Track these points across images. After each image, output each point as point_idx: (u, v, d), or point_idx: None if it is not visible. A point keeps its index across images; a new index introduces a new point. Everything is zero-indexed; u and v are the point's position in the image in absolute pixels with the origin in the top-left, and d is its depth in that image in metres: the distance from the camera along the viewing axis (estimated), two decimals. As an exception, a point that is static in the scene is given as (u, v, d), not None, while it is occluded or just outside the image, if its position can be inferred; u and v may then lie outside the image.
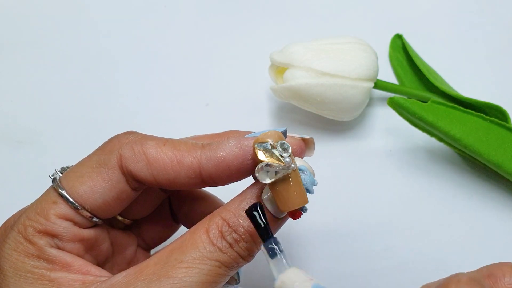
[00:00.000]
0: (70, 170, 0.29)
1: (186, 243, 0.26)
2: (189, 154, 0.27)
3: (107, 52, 0.50)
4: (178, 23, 0.51)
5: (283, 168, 0.25)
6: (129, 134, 0.29)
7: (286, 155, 0.25)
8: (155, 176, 0.27)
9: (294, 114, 0.46)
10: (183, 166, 0.27)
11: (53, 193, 0.28)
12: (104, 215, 0.29)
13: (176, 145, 0.28)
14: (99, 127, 0.47)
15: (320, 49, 0.42)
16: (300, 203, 0.25)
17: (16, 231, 0.27)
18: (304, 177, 0.26)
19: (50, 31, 0.51)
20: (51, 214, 0.27)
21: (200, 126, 0.46)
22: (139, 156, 0.27)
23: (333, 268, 0.41)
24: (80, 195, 0.27)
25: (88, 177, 0.28)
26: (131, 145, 0.28)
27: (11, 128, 0.47)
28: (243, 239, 0.26)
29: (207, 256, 0.25)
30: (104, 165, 0.28)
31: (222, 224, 0.26)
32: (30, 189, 0.45)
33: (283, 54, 0.41)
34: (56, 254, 0.27)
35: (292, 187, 0.25)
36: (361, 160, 0.44)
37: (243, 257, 0.26)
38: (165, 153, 0.27)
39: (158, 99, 0.48)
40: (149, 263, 0.26)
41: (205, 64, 0.49)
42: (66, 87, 0.49)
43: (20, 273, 0.26)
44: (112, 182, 0.28)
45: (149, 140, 0.28)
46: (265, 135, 0.25)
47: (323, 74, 0.40)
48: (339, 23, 0.50)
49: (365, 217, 0.42)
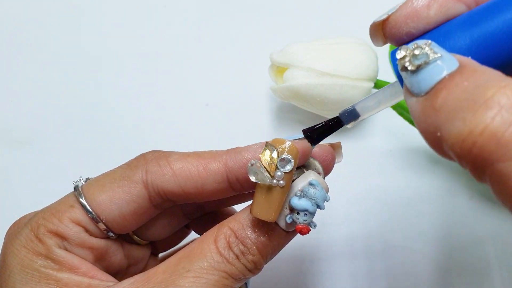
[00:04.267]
0: (93, 180, 0.29)
1: (194, 252, 0.26)
2: (215, 159, 0.28)
3: (107, 52, 0.50)
4: (178, 23, 0.51)
5: (267, 177, 0.25)
6: (154, 151, 0.29)
7: (281, 169, 0.25)
8: (182, 186, 0.28)
9: (294, 114, 0.46)
10: (210, 172, 0.27)
11: (72, 198, 0.28)
12: (119, 230, 0.29)
13: (200, 154, 0.28)
14: (99, 127, 0.47)
15: (320, 49, 0.42)
16: (262, 216, 0.25)
17: (29, 228, 0.27)
18: (314, 192, 0.26)
19: (50, 31, 0.51)
20: (65, 217, 0.27)
21: (200, 126, 0.46)
22: (165, 169, 0.28)
23: (332, 267, 0.41)
24: (98, 203, 0.28)
25: (109, 188, 0.28)
26: (156, 160, 0.28)
27: (11, 128, 0.47)
28: (250, 251, 0.26)
29: (214, 267, 0.25)
30: (127, 178, 0.28)
31: (230, 235, 0.26)
32: (30, 189, 0.45)
33: (283, 54, 0.41)
34: (63, 255, 0.27)
35: (269, 200, 0.25)
36: (361, 160, 0.44)
37: (250, 270, 0.26)
38: (190, 163, 0.28)
39: (158, 99, 0.48)
40: (157, 271, 0.26)
41: (205, 64, 0.49)
42: (66, 87, 0.49)
43: (27, 271, 0.26)
44: (132, 195, 0.28)
45: (174, 154, 0.28)
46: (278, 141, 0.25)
47: (323, 74, 0.40)
48: (339, 23, 0.50)
49: (365, 217, 0.42)
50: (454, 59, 0.20)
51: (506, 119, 0.17)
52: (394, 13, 0.23)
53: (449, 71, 0.19)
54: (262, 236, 0.26)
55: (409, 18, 0.23)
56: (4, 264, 0.27)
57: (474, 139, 0.18)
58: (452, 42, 0.21)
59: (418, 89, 0.20)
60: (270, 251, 0.27)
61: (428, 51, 0.20)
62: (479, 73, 0.19)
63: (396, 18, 0.23)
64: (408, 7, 0.23)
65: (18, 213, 0.30)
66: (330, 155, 0.28)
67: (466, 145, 0.18)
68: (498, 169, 0.17)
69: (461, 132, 0.18)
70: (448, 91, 0.19)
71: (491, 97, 0.18)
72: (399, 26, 0.23)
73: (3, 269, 0.27)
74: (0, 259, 0.27)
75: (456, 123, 0.18)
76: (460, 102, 0.18)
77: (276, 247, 0.27)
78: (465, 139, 0.18)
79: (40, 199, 0.30)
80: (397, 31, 0.23)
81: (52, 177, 0.45)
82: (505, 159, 0.17)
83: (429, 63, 0.20)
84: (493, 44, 0.21)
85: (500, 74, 0.19)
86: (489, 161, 0.17)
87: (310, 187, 0.26)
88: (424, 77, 0.20)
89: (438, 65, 0.20)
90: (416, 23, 0.22)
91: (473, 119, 0.18)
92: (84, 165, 0.45)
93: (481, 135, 0.17)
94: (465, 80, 0.19)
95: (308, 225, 0.26)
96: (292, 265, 0.28)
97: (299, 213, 0.26)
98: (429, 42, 0.20)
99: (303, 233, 0.26)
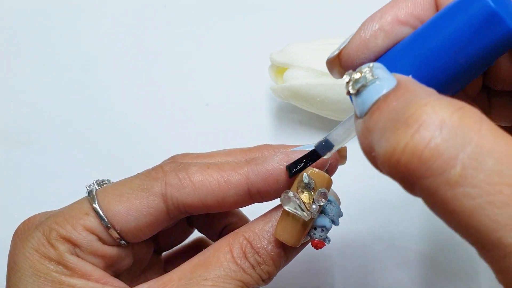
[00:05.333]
0: (109, 187, 0.28)
1: (210, 260, 0.26)
2: (235, 172, 0.27)
3: (107, 52, 0.50)
4: (178, 23, 0.51)
5: (304, 212, 0.25)
6: (171, 162, 0.29)
7: (318, 204, 0.25)
8: (202, 200, 0.27)
9: (294, 114, 0.46)
10: (231, 185, 0.27)
11: (87, 205, 0.28)
12: (132, 239, 0.28)
13: (219, 165, 0.28)
14: (99, 127, 0.47)
15: (320, 49, 0.42)
16: (287, 241, 0.26)
17: (41, 232, 0.27)
18: (332, 208, 0.26)
19: (50, 31, 0.51)
20: (79, 224, 0.27)
21: (200, 126, 0.46)
22: (185, 182, 0.27)
23: (332, 266, 0.41)
24: (114, 214, 0.27)
25: (127, 199, 0.27)
26: (175, 173, 0.28)
27: (11, 128, 0.47)
28: (265, 262, 0.26)
29: (231, 276, 0.25)
30: (146, 190, 0.28)
31: (246, 245, 0.26)
32: (30, 189, 0.45)
33: (283, 54, 0.41)
34: (75, 262, 0.26)
35: (296, 227, 0.25)
36: (361, 160, 0.44)
37: (264, 280, 0.27)
38: (211, 175, 0.27)
39: (158, 99, 0.48)
40: (172, 277, 0.26)
41: (205, 64, 0.49)
42: (66, 87, 0.49)
43: (40, 275, 0.26)
44: (149, 208, 0.27)
45: (193, 166, 0.28)
46: (315, 173, 0.25)
47: (323, 74, 0.40)
48: (339, 23, 0.50)
49: (364, 217, 0.42)
50: (393, 79, 0.20)
51: (425, 136, 0.17)
52: (346, 47, 0.24)
53: (387, 91, 0.20)
54: (277, 248, 0.26)
55: (360, 50, 0.24)
56: (14, 266, 0.26)
57: (398, 158, 0.18)
58: (396, 63, 0.22)
59: (361, 111, 0.21)
60: (283, 263, 0.27)
61: (367, 74, 0.21)
62: (409, 92, 0.19)
63: (348, 51, 0.24)
64: (357, 39, 0.24)
65: (18, 213, 0.30)
66: (335, 159, 0.28)
67: (392, 163, 0.18)
68: (424, 184, 0.18)
69: (387, 151, 0.18)
70: (380, 111, 0.20)
71: (411, 115, 0.18)
72: (352, 59, 0.24)
73: (14, 270, 0.26)
74: (10, 260, 0.27)
75: (383, 142, 0.19)
76: (388, 122, 0.19)
77: (289, 258, 0.28)
78: (390, 158, 0.18)
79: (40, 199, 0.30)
80: (352, 63, 0.24)
81: (52, 177, 0.45)
82: (428, 175, 0.17)
83: (367, 85, 0.20)
84: (433, 60, 0.21)
85: (429, 91, 0.19)
86: (414, 177, 0.18)
87: (327, 204, 0.26)
88: (363, 99, 0.21)
89: (376, 86, 0.20)
90: (366, 53, 0.23)
91: (395, 138, 0.18)
92: (84, 165, 0.45)
93: (403, 153, 0.18)
94: (395, 100, 0.19)
95: (323, 241, 0.26)
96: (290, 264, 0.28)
97: (316, 229, 0.26)
98: (371, 65, 0.21)
99: (318, 247, 0.26)
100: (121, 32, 0.51)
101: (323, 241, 0.26)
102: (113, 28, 0.51)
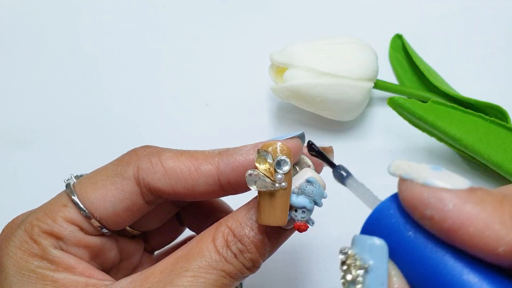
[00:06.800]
0: (84, 177, 0.29)
1: (192, 251, 0.26)
2: (207, 161, 0.27)
3: (107, 52, 0.50)
4: (178, 23, 0.51)
5: (270, 182, 0.25)
6: (146, 147, 0.29)
7: (280, 171, 0.25)
8: (173, 186, 0.27)
9: (294, 114, 0.46)
10: (201, 173, 0.27)
11: (65, 197, 0.28)
12: (113, 226, 0.28)
13: (193, 154, 0.28)
14: (99, 127, 0.47)
15: (320, 49, 0.42)
16: (275, 222, 0.25)
17: (23, 229, 0.27)
18: (312, 189, 0.26)
19: (50, 31, 0.51)
20: (59, 217, 0.27)
21: (200, 126, 0.46)
22: (157, 167, 0.27)
23: (331, 269, 0.41)
24: (91, 201, 0.27)
25: (102, 185, 0.28)
26: (148, 157, 0.28)
27: (11, 128, 0.47)
28: (248, 250, 0.26)
29: (212, 266, 0.25)
30: (120, 175, 0.28)
31: (228, 233, 0.26)
32: (30, 189, 0.45)
33: (283, 54, 0.41)
34: (59, 256, 0.26)
35: (274, 204, 0.25)
36: (361, 160, 0.44)
37: (248, 268, 0.26)
38: (183, 163, 0.27)
39: (158, 99, 0.48)
40: (155, 270, 0.26)
41: (205, 64, 0.49)
42: (66, 87, 0.49)
43: (23, 272, 0.26)
44: (125, 193, 0.28)
45: (166, 152, 0.28)
46: (269, 144, 0.25)
47: (323, 74, 0.40)
48: (339, 23, 0.50)
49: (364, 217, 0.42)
50: None
51: None
52: None
53: None
54: (260, 234, 0.26)
55: None
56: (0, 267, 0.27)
57: None
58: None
59: None
60: (268, 249, 0.27)
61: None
62: None
63: None
64: None
65: (18, 213, 0.30)
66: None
67: None
68: None
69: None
70: None
71: None
72: None
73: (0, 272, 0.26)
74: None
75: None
76: None
77: (274, 244, 0.27)
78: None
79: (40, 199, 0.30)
80: None
81: (52, 177, 0.45)
82: None
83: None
84: None
85: None
86: None
87: (307, 185, 0.26)
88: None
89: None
90: None
91: None
92: (84, 165, 0.45)
93: None
94: None
95: (306, 222, 0.26)
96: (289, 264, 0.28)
97: (297, 211, 0.25)
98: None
99: (302, 230, 0.26)
100: (121, 32, 0.51)
101: (306, 223, 0.26)
102: (113, 28, 0.51)
